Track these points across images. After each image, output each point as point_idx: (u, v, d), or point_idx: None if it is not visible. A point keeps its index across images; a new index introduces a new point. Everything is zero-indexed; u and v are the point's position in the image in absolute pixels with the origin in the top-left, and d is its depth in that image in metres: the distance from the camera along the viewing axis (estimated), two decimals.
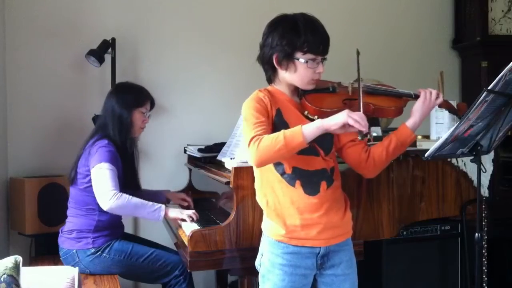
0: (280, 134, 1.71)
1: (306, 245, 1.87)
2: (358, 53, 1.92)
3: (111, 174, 2.61)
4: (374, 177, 2.07)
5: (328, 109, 1.87)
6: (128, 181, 2.76)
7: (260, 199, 1.95)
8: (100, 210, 2.66)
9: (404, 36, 3.98)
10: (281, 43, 1.83)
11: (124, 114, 2.75)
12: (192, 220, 2.57)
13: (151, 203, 2.63)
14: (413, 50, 3.99)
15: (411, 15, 4.02)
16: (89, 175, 2.67)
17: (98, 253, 2.68)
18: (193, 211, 2.64)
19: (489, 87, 1.83)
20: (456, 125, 1.94)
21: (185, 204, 2.98)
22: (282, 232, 1.87)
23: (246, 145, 1.76)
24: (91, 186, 2.66)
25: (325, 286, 1.93)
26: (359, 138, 1.73)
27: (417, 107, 1.94)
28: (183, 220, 2.57)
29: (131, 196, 2.59)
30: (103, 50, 3.28)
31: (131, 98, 2.80)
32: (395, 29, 3.97)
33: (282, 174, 1.87)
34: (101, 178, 2.60)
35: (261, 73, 1.99)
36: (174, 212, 2.62)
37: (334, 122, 1.69)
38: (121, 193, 2.57)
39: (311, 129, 1.71)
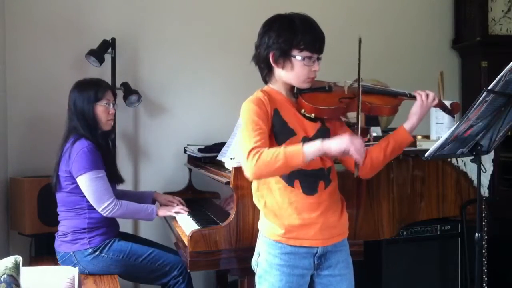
0: (280, 152, 1.71)
1: (304, 244, 1.87)
2: (360, 41, 1.90)
3: (100, 182, 2.64)
4: (370, 177, 2.07)
5: (325, 106, 1.88)
6: (111, 176, 2.76)
7: (257, 200, 1.94)
8: (90, 208, 2.69)
9: (404, 36, 3.98)
10: (278, 41, 1.84)
11: (85, 110, 2.73)
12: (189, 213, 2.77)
13: (145, 205, 2.78)
14: (413, 50, 3.99)
15: (411, 15, 4.02)
16: (71, 177, 2.67)
17: (96, 253, 2.68)
18: (181, 206, 2.83)
19: (489, 87, 1.83)
20: (456, 125, 1.94)
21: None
22: (279, 232, 1.87)
23: (243, 156, 1.76)
24: (75, 187, 2.68)
25: (322, 287, 1.93)
26: (356, 169, 1.79)
27: (415, 111, 1.95)
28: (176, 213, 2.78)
29: (127, 202, 2.73)
30: (103, 50, 3.27)
31: (89, 93, 2.75)
32: (395, 29, 3.97)
33: None
34: (93, 190, 2.63)
35: None
36: (164, 210, 2.81)
37: (335, 147, 1.71)
38: (119, 202, 2.67)
39: (312, 150, 1.72)
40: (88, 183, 2.63)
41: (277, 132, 1.84)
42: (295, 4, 2.19)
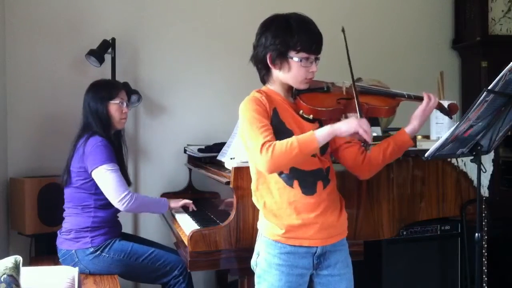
0: (294, 141, 1.73)
1: (303, 244, 1.87)
2: (343, 30, 1.92)
3: (115, 174, 2.67)
4: (368, 178, 2.07)
5: (323, 108, 1.88)
6: None
7: (256, 200, 1.95)
8: (96, 206, 2.72)
9: (404, 36, 3.98)
10: (275, 42, 1.84)
11: (99, 108, 2.78)
12: (191, 212, 2.81)
13: (158, 198, 2.87)
14: (413, 50, 3.99)
15: (411, 15, 4.02)
16: (85, 172, 2.70)
17: (98, 253, 2.68)
18: (191, 201, 2.88)
19: (489, 87, 1.83)
20: (456, 125, 1.94)
21: None
22: (279, 232, 1.87)
23: (255, 152, 1.76)
24: (86, 182, 2.71)
25: (321, 287, 1.93)
26: (363, 145, 1.79)
27: (418, 114, 1.96)
28: (182, 208, 2.85)
29: (142, 195, 2.84)
30: (103, 50, 3.27)
31: (103, 92, 2.82)
32: (395, 29, 3.97)
33: (280, 174, 1.87)
34: (109, 182, 2.66)
35: None
36: (175, 202, 2.86)
37: (345, 129, 1.75)
38: (135, 194, 2.71)
39: (323, 134, 1.75)
40: (104, 176, 2.65)
41: (275, 132, 1.84)
42: (295, 3, 2.19)
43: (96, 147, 2.67)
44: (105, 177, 2.66)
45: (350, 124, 1.76)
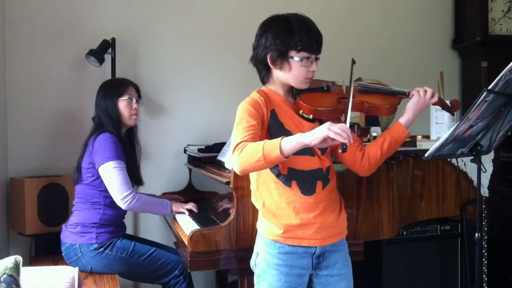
0: (260, 145, 1.67)
1: (302, 244, 1.87)
2: (353, 62, 1.93)
3: (121, 172, 2.68)
4: (369, 175, 2.07)
5: (323, 107, 1.88)
6: (130, 176, 2.77)
7: (256, 200, 1.95)
8: (106, 204, 2.74)
9: (404, 36, 3.98)
10: (275, 42, 1.84)
11: (108, 106, 2.82)
12: (191, 212, 2.80)
13: (161, 200, 2.85)
14: (413, 50, 3.99)
15: (411, 15, 4.01)
16: (93, 168, 2.72)
17: (101, 250, 2.69)
18: (193, 204, 2.86)
19: (489, 87, 1.83)
20: (456, 125, 1.94)
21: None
22: (278, 232, 1.87)
23: (231, 151, 1.76)
24: (96, 180, 2.74)
25: (321, 287, 1.93)
26: (340, 151, 1.65)
27: (411, 105, 1.96)
28: (183, 212, 2.80)
29: (145, 195, 2.82)
30: (103, 50, 3.27)
31: (111, 90, 2.86)
32: (395, 29, 3.97)
33: (278, 175, 1.87)
34: (114, 179, 2.67)
35: None
36: (176, 206, 2.85)
37: (314, 137, 1.62)
38: (138, 195, 2.72)
39: (290, 143, 1.64)
40: (109, 172, 2.67)
41: (274, 133, 1.84)
42: (295, 3, 2.19)
43: (106, 143, 2.69)
44: (110, 174, 2.67)
45: (318, 132, 1.61)
